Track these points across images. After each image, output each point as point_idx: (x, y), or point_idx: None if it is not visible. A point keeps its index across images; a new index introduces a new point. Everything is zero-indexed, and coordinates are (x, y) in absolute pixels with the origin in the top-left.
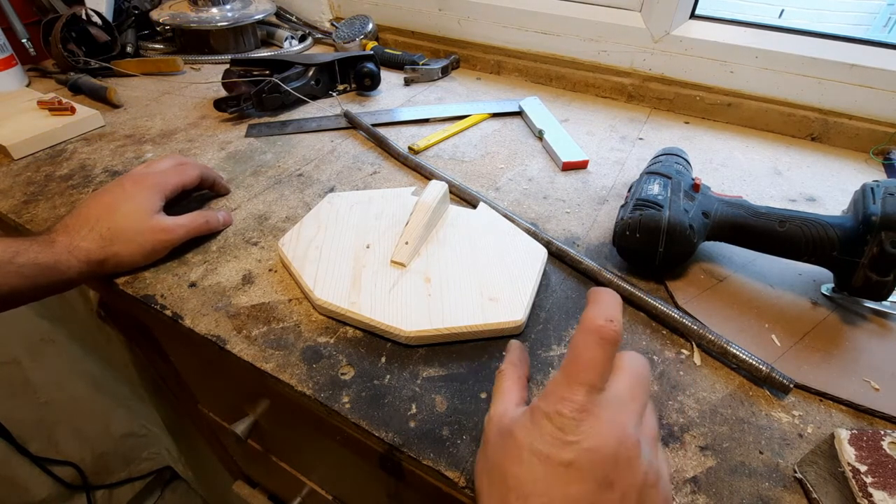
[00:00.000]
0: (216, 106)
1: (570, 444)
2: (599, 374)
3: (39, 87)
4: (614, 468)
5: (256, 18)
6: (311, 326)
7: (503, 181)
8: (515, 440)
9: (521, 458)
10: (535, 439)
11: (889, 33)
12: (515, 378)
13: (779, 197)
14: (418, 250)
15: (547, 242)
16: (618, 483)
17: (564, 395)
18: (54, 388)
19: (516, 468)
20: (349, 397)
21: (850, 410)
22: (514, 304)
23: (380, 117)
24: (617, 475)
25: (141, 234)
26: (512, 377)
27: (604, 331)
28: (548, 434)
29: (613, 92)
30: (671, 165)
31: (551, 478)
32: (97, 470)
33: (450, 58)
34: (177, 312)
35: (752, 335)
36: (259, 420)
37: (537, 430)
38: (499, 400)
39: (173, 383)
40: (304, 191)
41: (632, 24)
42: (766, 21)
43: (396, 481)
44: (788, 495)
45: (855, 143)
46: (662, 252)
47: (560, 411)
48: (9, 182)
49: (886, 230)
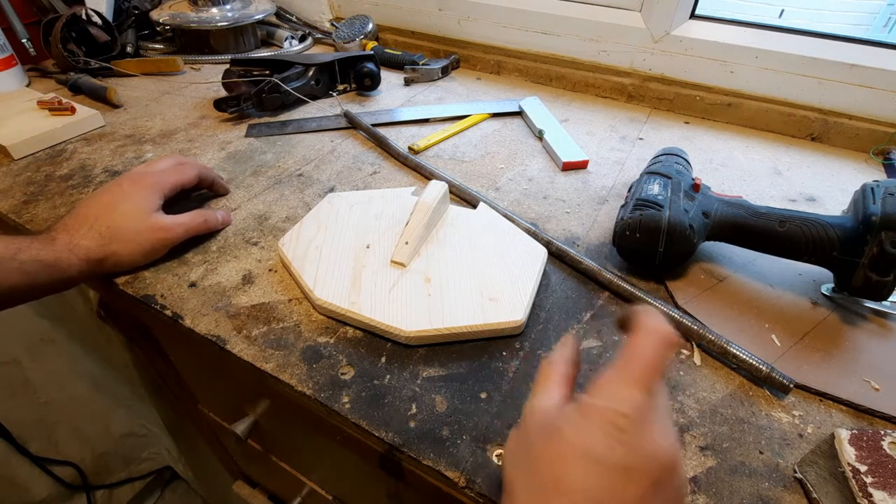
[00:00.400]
0: (216, 106)
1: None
2: (659, 378)
3: (39, 87)
4: (666, 471)
5: (256, 18)
6: (311, 326)
7: (503, 181)
8: (563, 438)
9: (569, 456)
10: (587, 438)
11: (889, 33)
12: (565, 373)
13: (779, 197)
14: (418, 250)
15: (547, 242)
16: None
17: (623, 393)
18: (54, 388)
19: (562, 468)
20: (349, 397)
21: (850, 410)
22: (514, 304)
23: (380, 117)
24: (666, 478)
25: (140, 233)
26: (562, 371)
27: (670, 335)
28: (603, 434)
29: (613, 92)
30: (671, 165)
31: (602, 478)
32: (97, 470)
33: (450, 58)
34: (177, 312)
35: (752, 335)
36: (259, 420)
37: (591, 429)
38: (543, 391)
39: (173, 383)
40: (304, 191)
41: (632, 24)
42: (766, 21)
43: (396, 481)
44: (788, 495)
45: (855, 143)
46: (662, 252)
47: (620, 410)
48: (9, 182)
49: (886, 230)
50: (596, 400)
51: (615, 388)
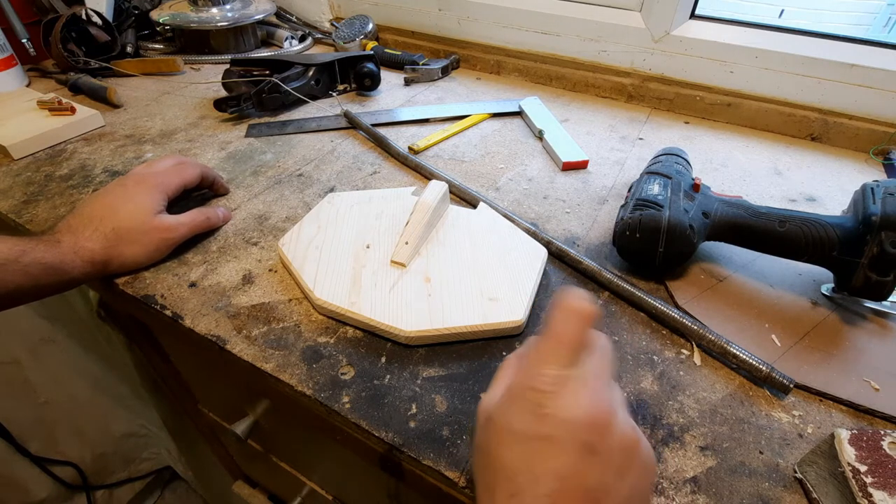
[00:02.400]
0: (216, 106)
1: (546, 416)
2: (575, 350)
3: (39, 87)
4: (592, 433)
5: (256, 18)
6: (311, 326)
7: (503, 181)
8: (495, 423)
9: (501, 440)
10: (511, 418)
11: (889, 33)
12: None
13: (779, 197)
14: (418, 250)
15: (547, 242)
16: (599, 447)
17: (539, 370)
18: (54, 388)
19: (498, 450)
20: (349, 397)
21: (850, 410)
22: (514, 304)
23: (380, 117)
24: (596, 439)
25: (145, 234)
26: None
27: (582, 308)
28: (524, 411)
29: (613, 92)
30: (671, 165)
31: (533, 454)
32: (97, 470)
33: (450, 58)
34: (177, 312)
35: (752, 335)
36: (259, 420)
37: (513, 409)
38: (491, 388)
39: (173, 383)
40: (304, 191)
41: (632, 24)
42: (765, 21)
43: (396, 481)
44: (788, 495)
45: (855, 143)
46: (662, 252)
47: (534, 387)
48: (9, 182)
49: (886, 230)
50: (515, 381)
51: (532, 367)
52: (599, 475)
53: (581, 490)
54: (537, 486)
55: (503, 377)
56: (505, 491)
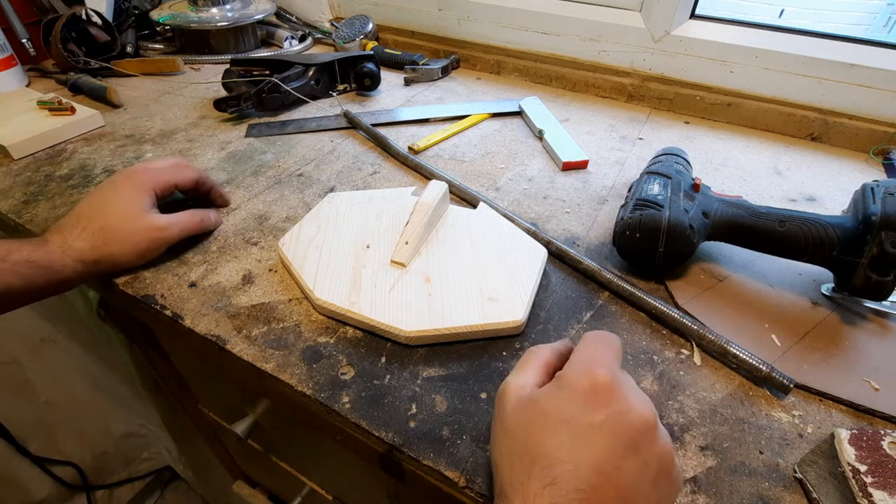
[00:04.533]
0: (216, 106)
1: (602, 405)
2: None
3: (39, 87)
4: (642, 433)
5: (256, 18)
6: (311, 326)
7: (503, 181)
8: (539, 407)
9: (546, 425)
10: (563, 402)
11: (889, 33)
12: (547, 360)
13: (779, 197)
14: (418, 250)
15: (547, 242)
16: (643, 448)
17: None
18: (54, 388)
19: (542, 435)
20: (349, 397)
21: (850, 410)
22: (514, 304)
23: (380, 117)
24: (643, 440)
25: (134, 232)
26: (545, 357)
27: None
28: (578, 396)
29: (613, 92)
30: (671, 165)
31: (579, 440)
32: (97, 470)
33: (450, 58)
34: (177, 312)
35: (752, 335)
36: (259, 420)
37: (567, 396)
38: (520, 373)
39: (173, 383)
40: (304, 191)
41: (632, 23)
42: (765, 21)
43: (396, 481)
44: (788, 495)
45: (855, 143)
46: (662, 252)
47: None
48: (9, 182)
49: (886, 230)
50: (569, 371)
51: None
52: (635, 477)
53: (615, 490)
54: (575, 478)
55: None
56: (540, 479)
